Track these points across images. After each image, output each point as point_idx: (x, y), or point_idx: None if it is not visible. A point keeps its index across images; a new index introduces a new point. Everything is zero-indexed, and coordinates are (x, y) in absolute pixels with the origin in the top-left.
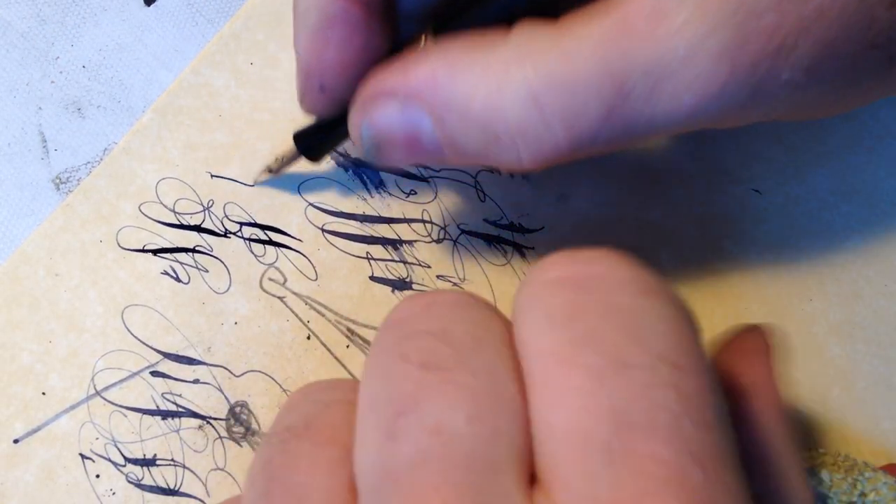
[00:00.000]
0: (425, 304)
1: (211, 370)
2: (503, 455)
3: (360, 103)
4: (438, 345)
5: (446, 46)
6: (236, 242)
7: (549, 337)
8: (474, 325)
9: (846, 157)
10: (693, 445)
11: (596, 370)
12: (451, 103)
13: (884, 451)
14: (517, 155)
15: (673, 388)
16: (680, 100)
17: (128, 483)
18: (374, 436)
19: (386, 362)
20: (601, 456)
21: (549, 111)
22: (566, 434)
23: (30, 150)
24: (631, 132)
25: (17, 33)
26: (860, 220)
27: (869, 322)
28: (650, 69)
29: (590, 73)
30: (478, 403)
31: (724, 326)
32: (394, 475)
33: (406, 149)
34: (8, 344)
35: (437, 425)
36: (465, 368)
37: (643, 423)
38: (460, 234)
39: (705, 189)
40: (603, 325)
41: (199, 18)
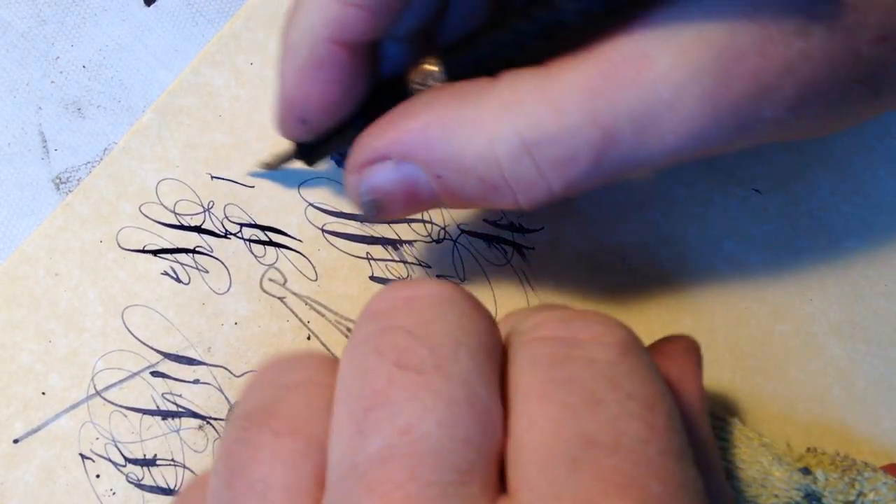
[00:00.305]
0: (406, 298)
1: (211, 370)
2: (471, 462)
3: (356, 167)
4: (415, 344)
5: (434, 99)
6: (236, 243)
7: (531, 377)
8: (455, 326)
9: (846, 157)
10: (655, 467)
11: (570, 405)
12: (445, 160)
13: (884, 451)
14: (514, 199)
15: (640, 419)
16: (665, 140)
17: (128, 483)
18: (344, 428)
19: (361, 354)
20: (567, 465)
21: (541, 160)
22: (537, 449)
23: (30, 150)
24: (620, 171)
25: (17, 33)
26: (860, 220)
27: (869, 322)
28: (636, 114)
29: (578, 122)
30: (450, 411)
31: (725, 326)
32: (360, 469)
33: (406, 204)
34: (8, 344)
35: (407, 425)
36: (440, 373)
37: (609, 444)
38: (460, 234)
39: (705, 189)
40: (581, 373)
41: (199, 18)
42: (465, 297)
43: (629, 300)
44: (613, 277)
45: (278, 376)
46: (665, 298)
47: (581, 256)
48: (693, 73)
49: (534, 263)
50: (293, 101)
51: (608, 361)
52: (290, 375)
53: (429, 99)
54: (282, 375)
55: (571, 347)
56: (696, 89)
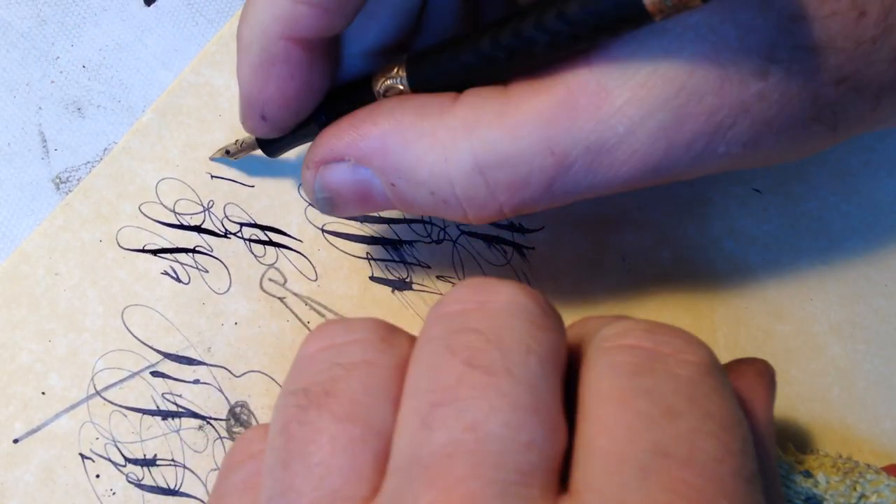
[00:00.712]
0: (480, 301)
1: (211, 370)
2: (533, 465)
3: (313, 164)
4: (487, 346)
5: (397, 108)
6: (236, 243)
7: (609, 383)
8: (526, 333)
9: (846, 157)
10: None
11: (647, 414)
12: (400, 170)
13: (884, 452)
14: (464, 215)
15: (716, 439)
16: (617, 171)
17: (128, 483)
18: (411, 421)
19: (432, 351)
20: (636, 472)
21: (493, 182)
22: (607, 453)
23: (30, 150)
24: (570, 196)
25: (18, 33)
26: (860, 220)
27: (869, 322)
28: (590, 145)
29: (533, 149)
30: (516, 414)
31: (725, 326)
32: (424, 461)
33: (358, 204)
34: (8, 343)
35: (474, 423)
36: (510, 376)
37: (682, 457)
38: (460, 234)
39: (705, 189)
40: (660, 385)
41: (199, 18)
42: (538, 304)
43: (629, 300)
44: (613, 277)
45: (335, 354)
46: (665, 298)
47: (581, 256)
48: (649, 110)
49: (534, 263)
50: (251, 99)
51: (689, 378)
52: (349, 353)
53: (391, 107)
54: (341, 352)
55: (654, 360)
56: (651, 125)
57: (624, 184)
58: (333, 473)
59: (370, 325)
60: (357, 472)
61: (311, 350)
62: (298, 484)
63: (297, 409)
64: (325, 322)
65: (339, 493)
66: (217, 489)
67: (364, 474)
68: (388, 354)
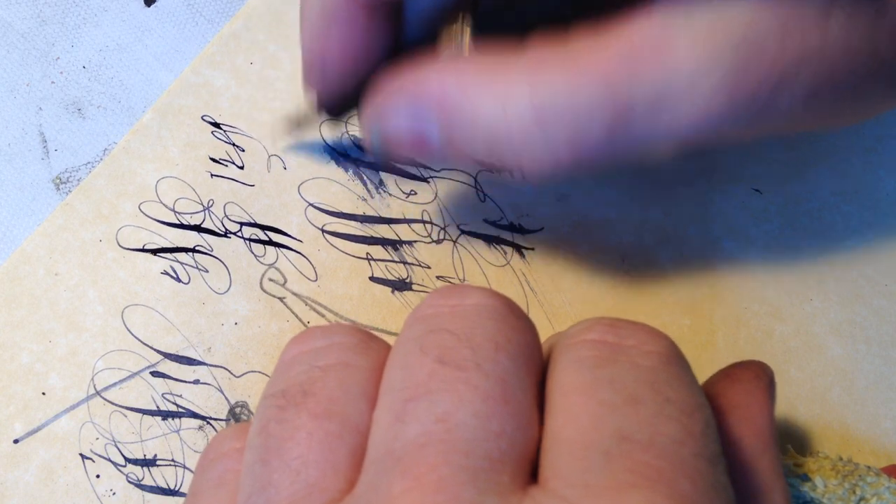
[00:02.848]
0: (453, 305)
1: (211, 370)
2: (503, 452)
3: (372, 105)
4: (458, 344)
5: (459, 59)
6: (236, 242)
7: (573, 376)
8: (497, 332)
9: (846, 157)
10: (688, 467)
11: (609, 402)
12: (457, 116)
13: (884, 452)
14: (518, 166)
15: (677, 422)
16: (679, 124)
17: (128, 483)
18: (385, 417)
19: (405, 352)
20: (600, 457)
21: (552, 131)
22: (572, 442)
23: (30, 151)
24: (630, 152)
25: (18, 34)
26: (860, 220)
27: (869, 322)
28: (652, 95)
29: (593, 98)
30: (486, 405)
31: (724, 326)
32: (397, 453)
33: (412, 148)
34: (8, 343)
35: (445, 413)
36: (479, 371)
37: (644, 441)
38: (460, 234)
39: (705, 189)
40: (623, 375)
41: (199, 18)
42: (509, 308)
43: (629, 300)
44: (613, 277)
45: (313, 357)
46: (665, 298)
47: (581, 256)
48: (711, 61)
49: (534, 263)
50: (313, 55)
51: (651, 367)
52: (326, 356)
53: (454, 57)
54: (318, 356)
55: (616, 352)
56: (714, 76)
57: (684, 139)
58: (310, 467)
59: (348, 330)
60: (333, 466)
61: (290, 354)
62: (277, 479)
63: (276, 409)
64: (304, 329)
65: (316, 486)
66: (192, 488)
67: (340, 468)
68: (364, 357)
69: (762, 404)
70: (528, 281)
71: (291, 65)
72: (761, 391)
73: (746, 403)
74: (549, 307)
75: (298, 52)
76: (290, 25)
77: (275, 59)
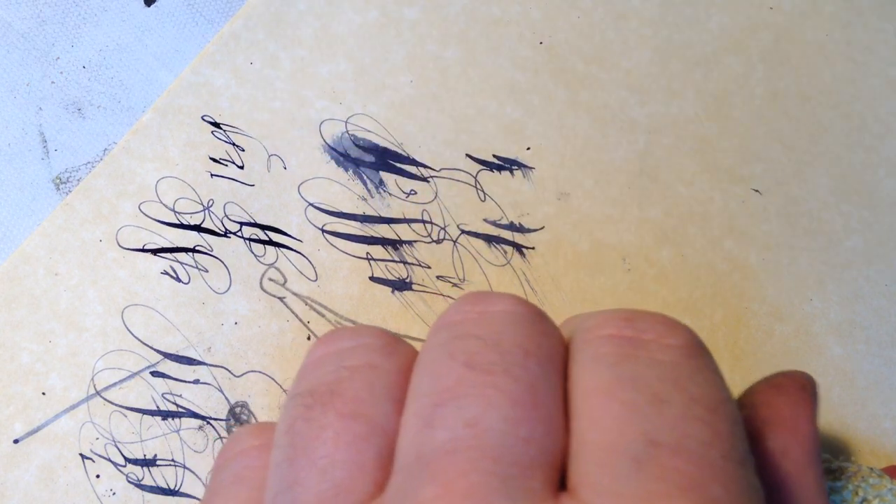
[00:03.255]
0: (479, 311)
1: (211, 370)
2: (532, 458)
3: None
4: (486, 350)
5: None
6: (236, 242)
7: (593, 375)
8: (525, 337)
9: (846, 157)
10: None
11: (633, 403)
12: None
13: (884, 452)
14: None
15: (705, 423)
16: None
17: (128, 483)
18: (413, 423)
19: (433, 359)
20: (630, 463)
21: None
22: (599, 446)
23: (30, 151)
24: None
25: (18, 34)
26: (860, 220)
27: (869, 322)
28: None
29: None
30: (515, 410)
31: (725, 326)
32: (426, 458)
33: None
34: (8, 344)
35: (474, 419)
36: (508, 375)
37: (672, 445)
38: (460, 234)
39: (705, 189)
40: (644, 372)
41: (199, 18)
42: (535, 313)
43: (629, 300)
44: (613, 277)
45: (340, 357)
46: (665, 298)
47: (581, 256)
48: None
49: (534, 263)
50: None
51: (672, 362)
52: (353, 357)
53: None
54: (345, 356)
55: (635, 347)
56: None
57: None
58: (337, 467)
59: (375, 331)
60: (361, 467)
61: (317, 354)
62: (303, 477)
63: (303, 408)
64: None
65: (343, 486)
66: (209, 486)
67: (367, 470)
68: (391, 359)
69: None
70: (528, 281)
71: (291, 64)
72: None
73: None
74: (549, 307)
75: (298, 52)
76: (290, 25)
77: (275, 59)
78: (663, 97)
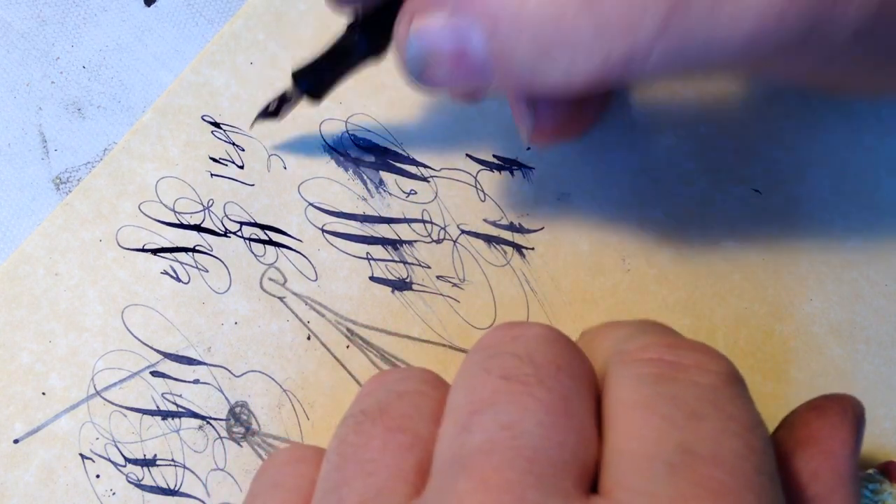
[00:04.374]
0: (513, 335)
1: (211, 370)
2: (567, 461)
3: (408, 14)
4: (521, 364)
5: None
6: (236, 242)
7: (633, 392)
8: (557, 355)
9: (846, 157)
10: (751, 482)
11: (671, 417)
12: (501, 12)
13: (884, 453)
14: (567, 69)
15: (740, 438)
16: (738, 22)
17: (128, 483)
18: (450, 429)
19: (469, 374)
20: (665, 468)
21: (604, 17)
22: (635, 455)
23: (30, 151)
24: (685, 55)
25: (18, 34)
26: (860, 220)
27: (869, 322)
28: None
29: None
30: (549, 416)
31: (725, 326)
32: (463, 459)
33: (453, 67)
34: (8, 344)
35: (510, 422)
36: (543, 386)
37: (707, 455)
38: (460, 234)
39: (705, 189)
40: (683, 392)
41: (199, 18)
42: (566, 338)
43: (629, 300)
44: (613, 277)
45: (390, 384)
46: (665, 298)
47: (581, 256)
48: None
49: (534, 263)
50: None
51: (711, 386)
52: (400, 384)
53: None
54: (393, 384)
55: (676, 370)
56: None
57: (742, 46)
58: (381, 471)
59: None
60: (402, 472)
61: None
62: (350, 479)
63: (355, 424)
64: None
65: (384, 488)
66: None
67: (408, 477)
68: (437, 389)
69: (845, 440)
70: (528, 281)
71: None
72: (847, 427)
73: (829, 437)
74: (549, 307)
75: (298, 52)
76: (290, 25)
77: (275, 58)
78: (664, 97)
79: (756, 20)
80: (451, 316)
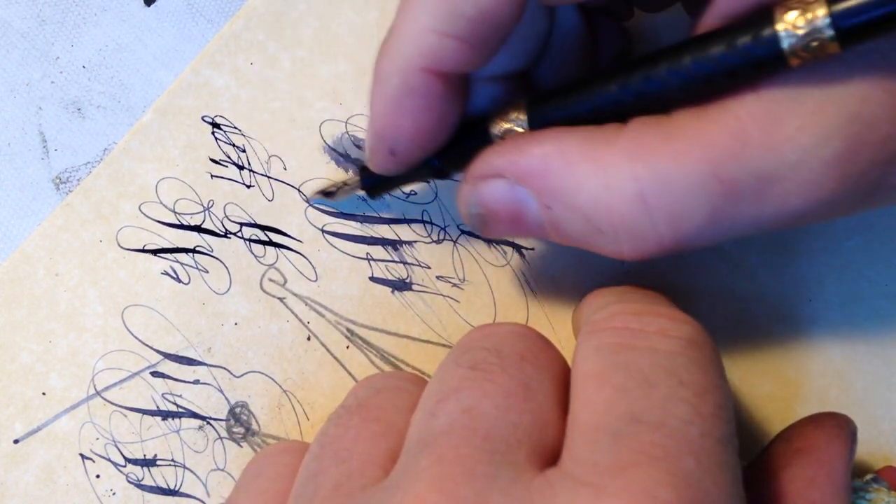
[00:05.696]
0: (485, 333)
1: (211, 371)
2: (520, 439)
3: (471, 178)
4: (488, 356)
5: (560, 134)
6: (236, 243)
7: (593, 363)
8: (524, 348)
9: None
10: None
11: (623, 386)
12: (559, 192)
13: (882, 454)
14: (619, 247)
15: (688, 404)
16: (787, 203)
17: (128, 483)
18: (419, 416)
19: (442, 369)
20: (609, 437)
21: (656, 210)
22: (586, 424)
23: (30, 150)
24: (735, 231)
25: (17, 33)
26: (860, 220)
27: (869, 322)
28: (760, 173)
29: (699, 176)
30: (507, 400)
31: (724, 327)
32: (426, 440)
33: (510, 225)
34: (8, 344)
35: (469, 406)
36: (505, 373)
37: (653, 422)
38: (460, 234)
39: None
40: (639, 360)
41: (199, 18)
42: (536, 334)
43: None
44: (613, 277)
45: (370, 383)
46: None
47: (581, 256)
48: (822, 138)
49: (534, 263)
50: (384, 131)
51: (669, 352)
52: (380, 382)
53: (557, 131)
54: (373, 382)
55: (637, 338)
56: (825, 154)
57: (793, 218)
58: (354, 458)
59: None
60: (373, 458)
61: (355, 388)
62: (326, 466)
63: (336, 419)
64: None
65: (356, 472)
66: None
67: (378, 461)
68: (415, 385)
69: (840, 452)
70: (528, 281)
71: (291, 65)
72: (842, 440)
73: (825, 447)
74: (549, 307)
75: (298, 53)
76: (290, 25)
77: (275, 59)
78: None
79: (803, 202)
80: (451, 316)
